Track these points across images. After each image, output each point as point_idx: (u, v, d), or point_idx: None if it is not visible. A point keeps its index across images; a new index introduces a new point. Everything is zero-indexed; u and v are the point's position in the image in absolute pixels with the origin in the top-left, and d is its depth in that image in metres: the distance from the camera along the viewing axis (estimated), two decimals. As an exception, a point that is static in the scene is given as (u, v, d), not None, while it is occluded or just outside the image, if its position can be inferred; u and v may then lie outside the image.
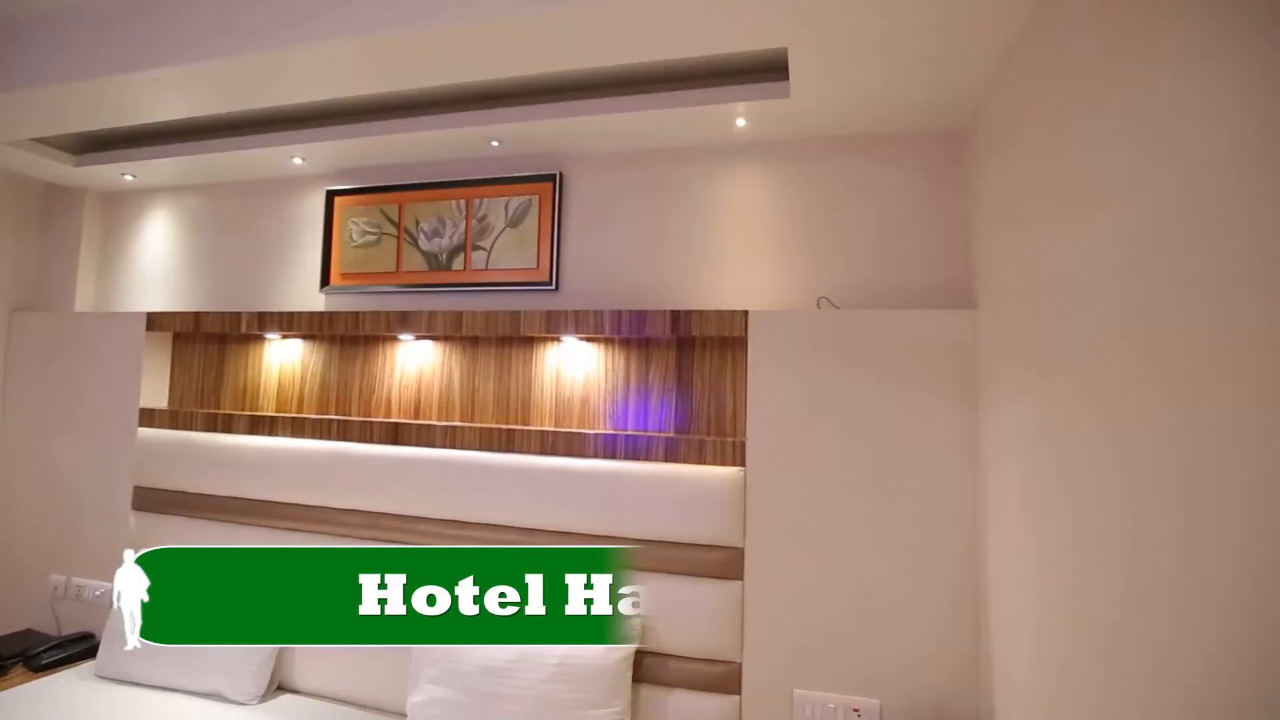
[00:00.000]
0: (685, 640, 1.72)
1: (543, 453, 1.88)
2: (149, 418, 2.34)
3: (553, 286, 2.07)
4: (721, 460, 1.75)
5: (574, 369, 2.01)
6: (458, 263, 2.17)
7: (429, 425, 1.99)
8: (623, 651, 1.66)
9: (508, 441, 1.91)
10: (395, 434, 2.02)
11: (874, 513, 1.64)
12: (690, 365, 1.92)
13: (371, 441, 2.04)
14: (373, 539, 1.99)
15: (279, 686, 2.02)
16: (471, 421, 2.09)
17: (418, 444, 1.99)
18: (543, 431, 1.89)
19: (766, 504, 1.71)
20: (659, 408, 1.93)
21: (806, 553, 1.68)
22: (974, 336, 1.62)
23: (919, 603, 1.61)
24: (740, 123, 1.86)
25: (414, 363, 2.17)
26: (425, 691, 1.71)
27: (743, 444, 1.75)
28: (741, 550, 1.72)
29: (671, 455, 1.79)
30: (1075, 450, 1.03)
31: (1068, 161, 1.07)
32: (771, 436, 1.72)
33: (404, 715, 1.87)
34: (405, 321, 2.06)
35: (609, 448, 1.83)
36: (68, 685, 1.97)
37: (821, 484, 1.68)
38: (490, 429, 1.93)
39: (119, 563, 2.31)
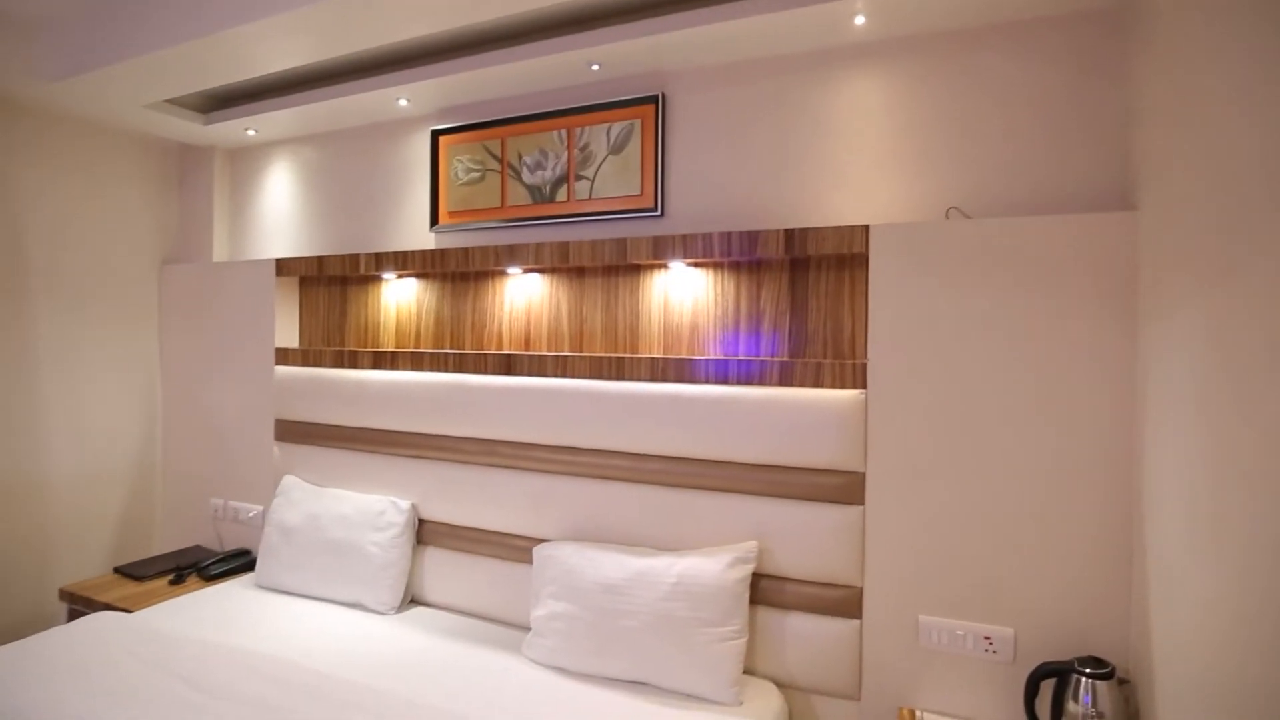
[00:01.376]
0: (802, 564, 1.70)
1: (653, 379, 1.87)
2: (283, 356, 2.52)
3: (658, 213, 2.03)
4: (840, 383, 1.69)
5: (682, 296, 1.98)
6: (561, 194, 2.17)
7: (540, 356, 2.03)
8: (740, 572, 1.65)
9: (617, 370, 1.92)
10: (508, 365, 2.07)
11: (1012, 435, 1.53)
12: (804, 287, 1.84)
13: (486, 373, 2.10)
14: (490, 464, 2.07)
15: (412, 600, 2.17)
16: (580, 351, 2.11)
17: (530, 374, 2.04)
18: (652, 359, 1.88)
19: (890, 427, 1.64)
20: (772, 332, 1.88)
21: (934, 477, 1.60)
22: (1133, 241, 1.45)
23: (1062, 530, 1.50)
24: (859, 20, 1.72)
25: (522, 296, 2.21)
26: (547, 606, 1.78)
27: (863, 366, 1.67)
28: (862, 475, 1.66)
29: (786, 379, 1.73)
30: (1260, 366, 0.90)
31: (1263, 37, 0.90)
32: (896, 357, 1.63)
33: (526, 628, 1.97)
34: (512, 254, 2.09)
35: (720, 373, 1.80)
36: (233, 592, 2.20)
37: (951, 406, 1.58)
38: (600, 358, 1.94)
39: (268, 488, 2.55)
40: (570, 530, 1.95)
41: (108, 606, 2.16)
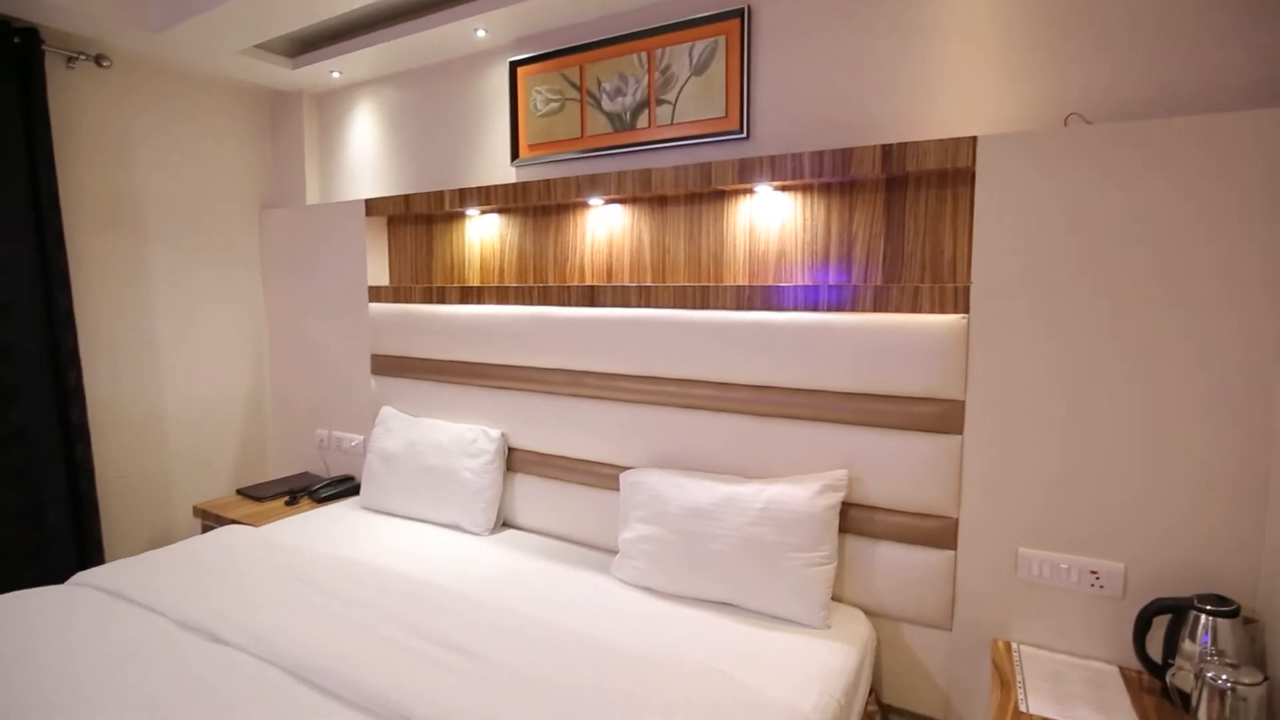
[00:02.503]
0: (894, 494, 1.66)
1: (738, 308, 1.84)
2: (375, 294, 2.62)
3: (743, 134, 1.95)
4: (940, 308, 1.60)
5: (768, 222, 1.91)
6: (641, 120, 2.11)
7: (623, 287, 2.02)
8: (829, 499, 1.64)
9: (702, 298, 1.89)
10: (591, 296, 2.08)
11: (1134, 360, 1.42)
12: (901, 207, 1.74)
13: (569, 305, 2.12)
14: (576, 395, 2.11)
15: (504, 523, 2.27)
16: (663, 282, 2.09)
17: (613, 305, 2.04)
18: (738, 287, 1.84)
19: (993, 353, 1.55)
20: (864, 257, 1.79)
21: (1040, 405, 1.51)
22: (1294, 139, 1.28)
23: (1186, 462, 1.39)
24: (972, -95, 1.55)
25: (604, 228, 2.19)
26: (635, 529, 1.82)
27: (966, 289, 1.57)
28: (961, 403, 1.59)
29: (881, 304, 1.66)
30: None
31: None
32: (1002, 280, 1.53)
33: (612, 551, 2.03)
34: (594, 185, 2.06)
35: (810, 300, 1.74)
36: (342, 513, 2.37)
37: (1063, 330, 1.48)
38: (684, 287, 1.92)
39: (367, 419, 2.70)
40: (655, 459, 1.97)
41: (234, 522, 2.37)
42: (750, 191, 1.93)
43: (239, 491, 2.72)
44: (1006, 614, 1.59)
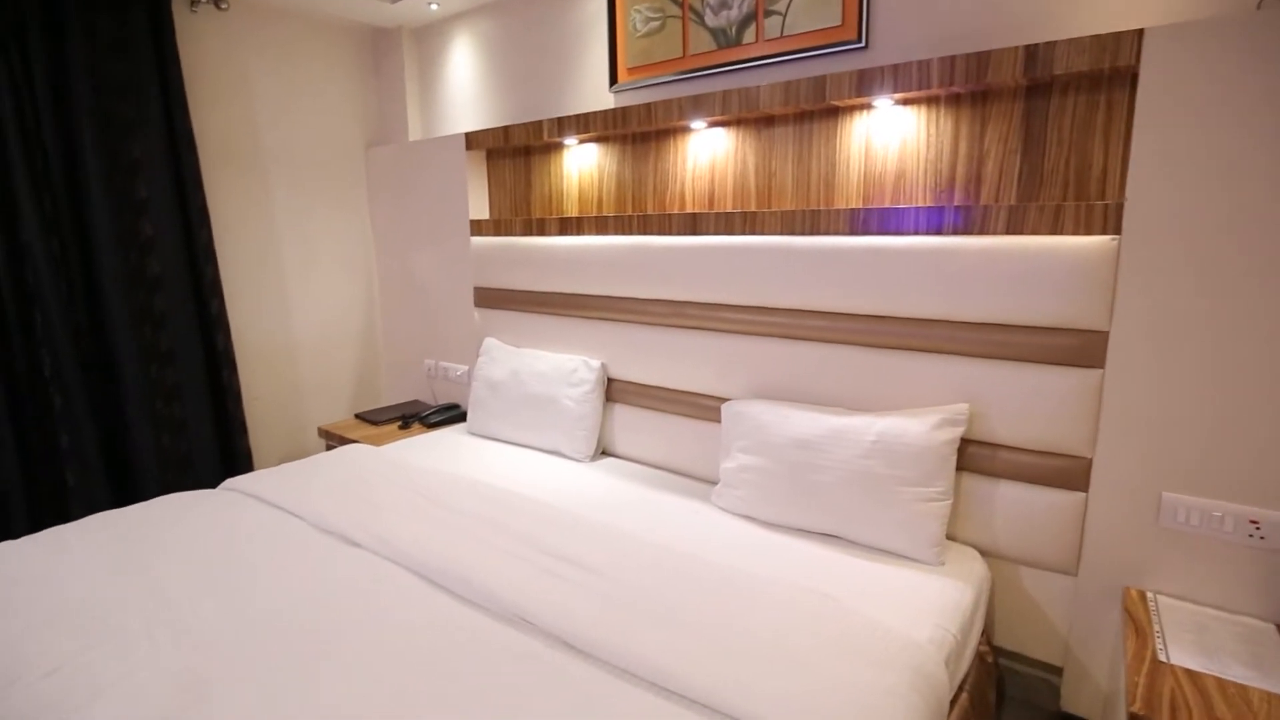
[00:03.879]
0: (1020, 430, 1.56)
1: (851, 233, 1.74)
2: (477, 227, 2.67)
3: (861, 44, 1.80)
4: (1084, 229, 1.45)
5: (887, 139, 1.78)
6: (748, 35, 1.99)
7: (727, 213, 1.95)
8: (947, 434, 1.55)
9: (811, 224, 1.80)
10: (693, 224, 2.02)
11: (1325, 283, 1.24)
12: (1042, 118, 1.57)
13: (671, 233, 2.08)
14: (677, 325, 2.09)
15: (603, 451, 2.32)
16: (769, 207, 2.00)
17: (716, 233, 1.98)
18: (851, 210, 1.73)
19: (1147, 278, 1.39)
20: (997, 174, 1.64)
21: (1198, 337, 1.35)
22: None
23: (1384, 400, 1.22)
24: None
25: (706, 153, 2.11)
26: (737, 459, 1.81)
27: (1118, 207, 1.41)
28: (1104, 334, 1.45)
29: (1015, 227, 1.52)
30: None
31: None
32: (1163, 196, 1.36)
33: (710, 482, 2.04)
34: (696, 106, 1.98)
35: (933, 223, 1.62)
36: (451, 438, 2.49)
37: (1232, 256, 1.30)
38: (792, 212, 1.83)
39: (471, 349, 2.79)
40: (758, 390, 1.94)
41: (354, 443, 2.54)
42: (867, 107, 1.79)
43: (357, 416, 2.91)
44: (1143, 562, 1.48)
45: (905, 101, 1.73)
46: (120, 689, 1.09)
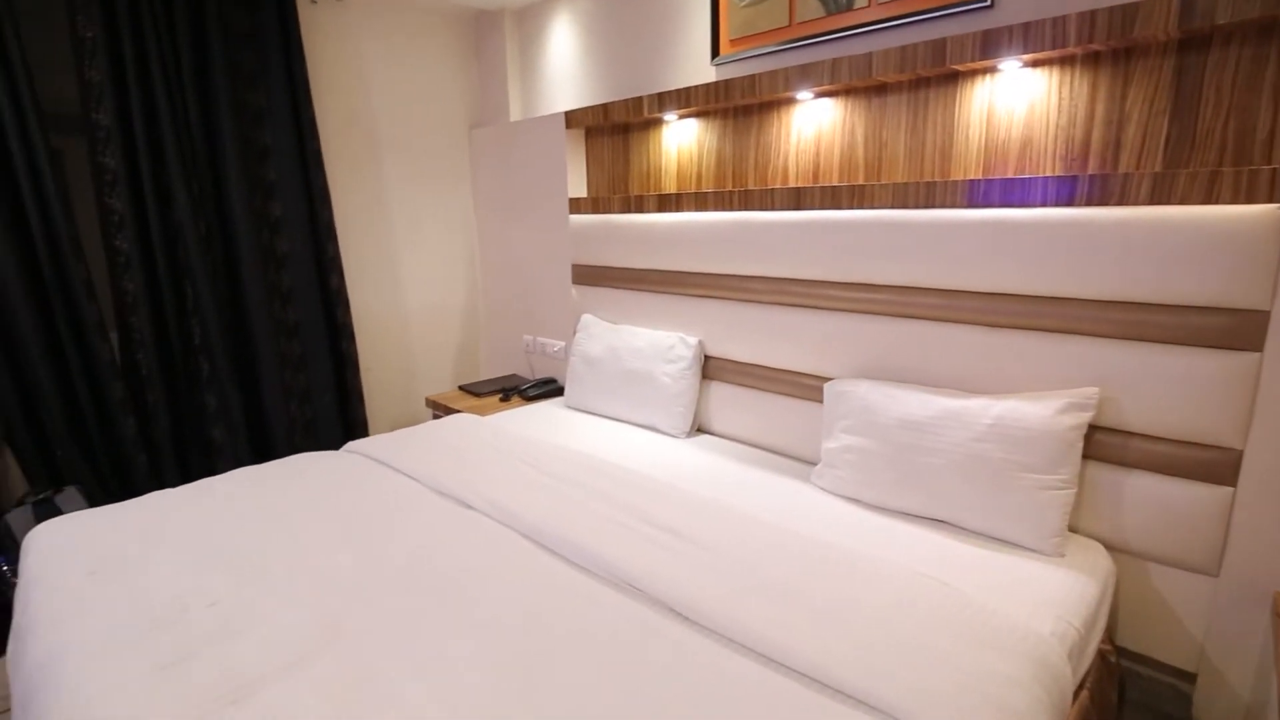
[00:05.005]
0: (1157, 418, 1.45)
1: (970, 205, 1.65)
2: (575, 205, 2.72)
3: (987, 2, 1.68)
4: (1245, 197, 1.31)
5: (1012, 105, 1.67)
6: (860, -1, 1.91)
7: (833, 187, 1.90)
8: (1074, 419, 1.46)
9: (926, 196, 1.72)
10: (797, 199, 1.98)
11: None
12: (1196, 75, 1.42)
13: (773, 209, 2.04)
14: (777, 303, 2.06)
15: (699, 429, 2.34)
16: (878, 180, 1.93)
17: (821, 207, 1.93)
18: (970, 182, 1.64)
19: (1323, 252, 1.25)
20: (1140, 139, 1.51)
21: (1390, 317, 1.20)
22: None
23: None
24: None
25: (811, 125, 2.05)
26: (839, 439, 1.78)
27: (1289, 172, 1.27)
28: (1264, 314, 1.32)
29: (1161, 196, 1.40)
30: None
31: None
32: (1349, 156, 1.21)
33: (810, 462, 2.01)
34: (804, 75, 1.92)
35: (1064, 193, 1.51)
36: (549, 411, 2.57)
37: None
38: (904, 184, 1.76)
39: (568, 325, 2.86)
40: (863, 370, 1.89)
41: (459, 412, 2.67)
42: (991, 71, 1.68)
43: (460, 387, 3.05)
44: (1300, 564, 1.34)
45: (1035, 63, 1.62)
46: (271, 623, 1.21)
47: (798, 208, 1.98)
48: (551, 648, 1.15)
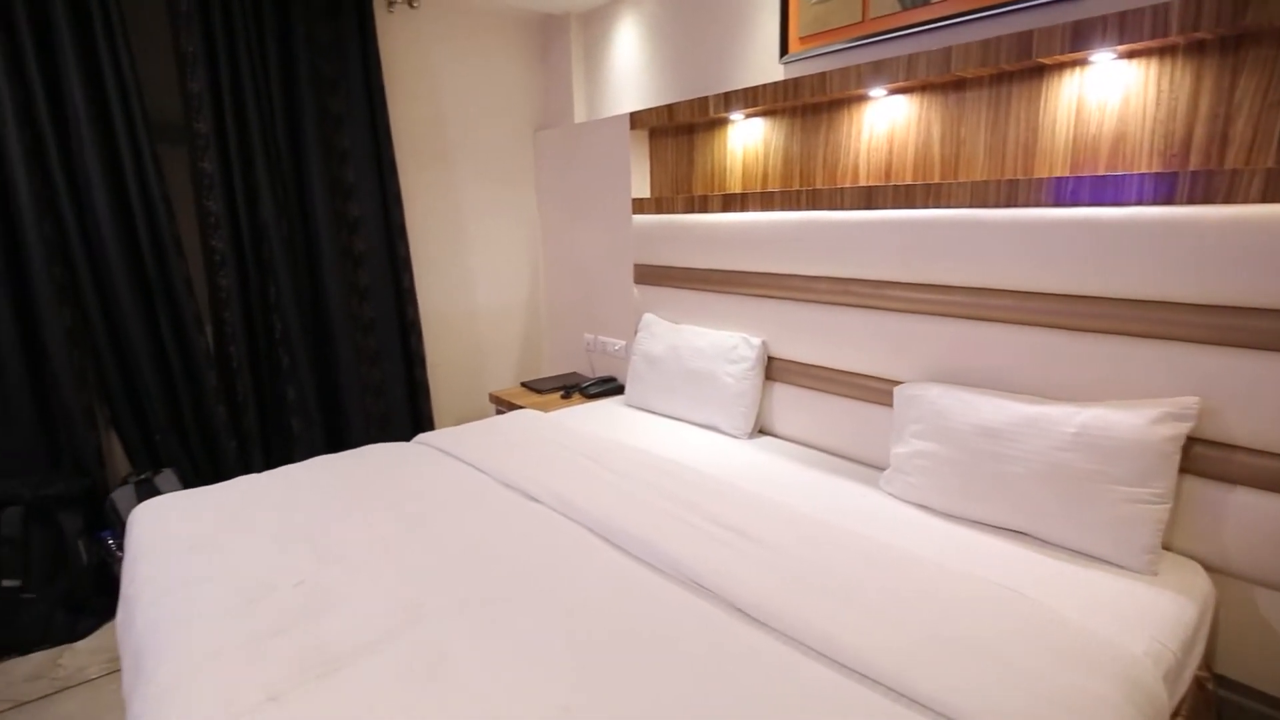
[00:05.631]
0: (1267, 431, 1.35)
1: (1056, 204, 1.58)
2: (639, 205, 2.73)
3: (1078, -9, 1.61)
4: (1374, 193, 1.21)
5: (1104, 98, 1.59)
6: (939, -8, 1.85)
7: (907, 186, 1.85)
8: (1171, 430, 1.38)
9: (1007, 195, 1.65)
10: (868, 198, 1.94)
11: None
12: (1319, 62, 1.32)
13: (842, 208, 2.00)
14: (843, 304, 2.02)
15: (761, 430, 2.31)
16: (954, 179, 1.86)
17: (893, 206, 1.88)
18: (1057, 179, 1.57)
19: None
20: (1250, 133, 1.41)
21: None
22: None
23: None
24: None
25: (884, 123, 2.00)
26: (910, 444, 1.73)
27: None
28: (1394, 321, 1.21)
29: (1275, 193, 1.30)
30: None
31: None
32: None
33: (877, 467, 1.96)
34: (878, 72, 1.88)
35: (1162, 191, 1.43)
36: (610, 409, 2.59)
37: None
38: (983, 183, 1.69)
39: (629, 325, 2.88)
40: (933, 373, 1.83)
41: (521, 408, 2.72)
42: (1082, 63, 1.61)
43: (523, 384, 3.11)
44: None
45: (1130, 54, 1.53)
46: (352, 604, 1.27)
47: (869, 207, 1.94)
48: (620, 641, 1.16)
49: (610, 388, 2.88)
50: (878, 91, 1.96)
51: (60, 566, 2.11)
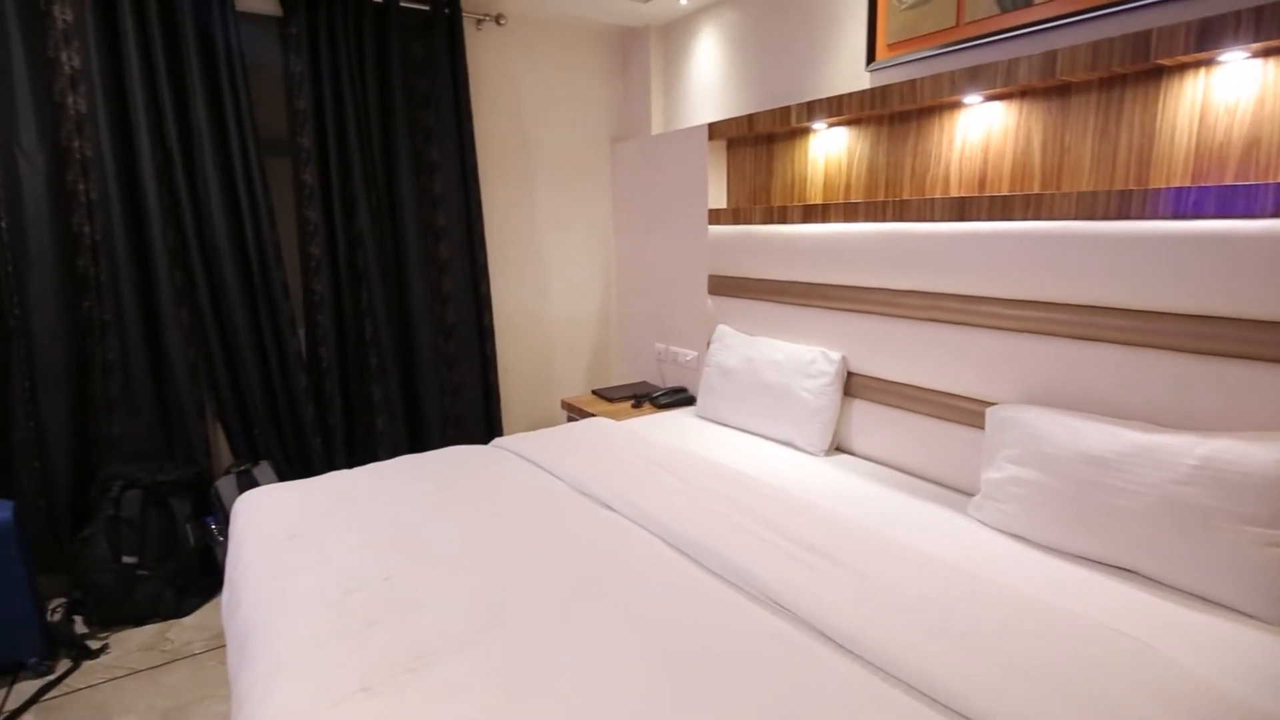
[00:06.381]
0: None
1: (1176, 216, 1.46)
2: (715, 216, 2.72)
3: (1203, -12, 1.49)
4: None
5: (1234, 100, 1.46)
6: (1043, -7, 1.76)
7: (1004, 197, 1.76)
8: (1311, 466, 1.25)
9: (1119, 206, 1.55)
10: (960, 210, 1.85)
11: None
12: None
13: (932, 220, 1.92)
14: (932, 319, 1.94)
15: (838, 447, 2.24)
16: (1058, 189, 1.76)
17: (989, 218, 1.79)
18: (1177, 190, 1.46)
19: None
20: None
21: None
22: None
23: None
24: None
25: (978, 130, 1.92)
26: (1004, 470, 1.64)
27: None
28: None
29: None
30: None
31: None
32: None
33: (963, 491, 1.86)
34: (974, 78, 1.80)
35: (1302, 201, 1.30)
36: (681, 420, 2.58)
37: None
38: (1091, 193, 1.59)
39: (701, 336, 2.87)
40: (1030, 395, 1.73)
41: (592, 416, 2.75)
42: (1207, 64, 1.49)
43: (593, 392, 3.14)
44: None
45: (1266, 52, 1.41)
46: (439, 600, 1.30)
47: (960, 219, 1.85)
48: (697, 655, 1.14)
49: (681, 398, 2.86)
50: (972, 98, 1.88)
51: (171, 547, 2.28)
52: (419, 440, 2.89)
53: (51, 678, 1.96)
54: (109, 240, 2.27)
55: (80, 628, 2.17)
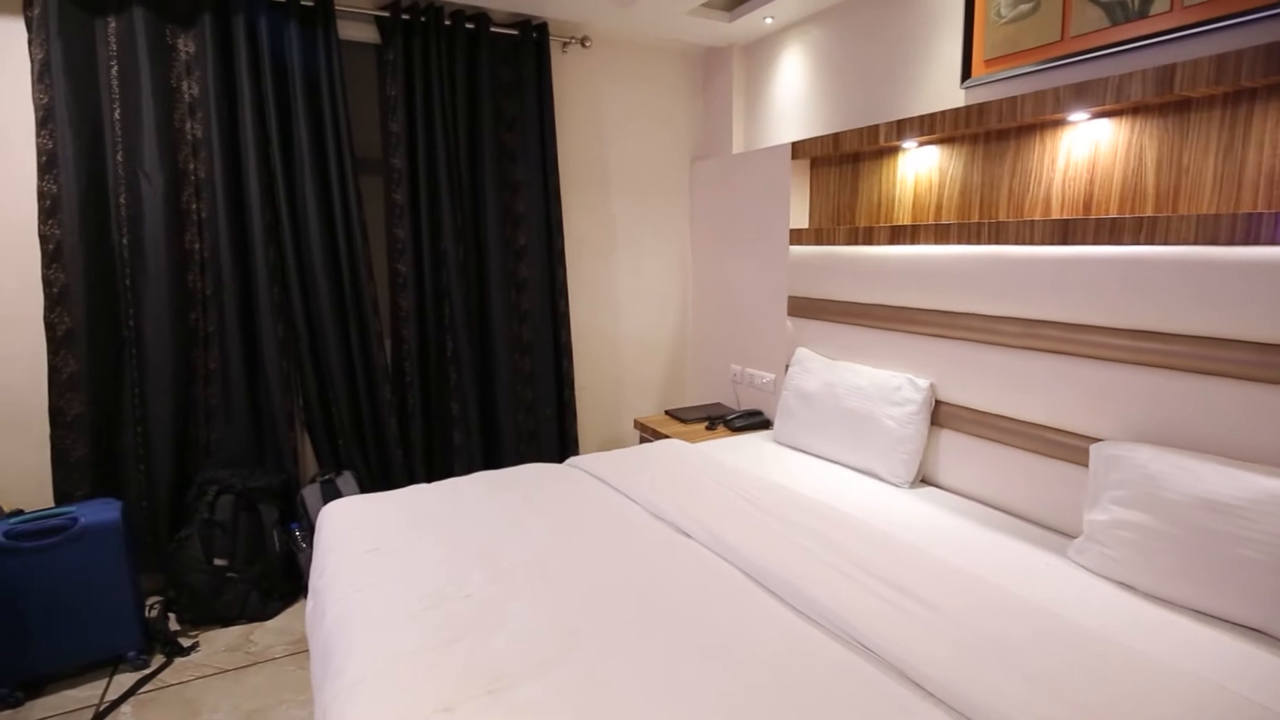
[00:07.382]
0: None
1: (1317, 243, 1.34)
2: (796, 236, 2.67)
3: (1352, -5, 1.37)
4: None
5: (1387, 118, 1.33)
6: (1158, 4, 1.65)
7: (1113, 219, 1.65)
8: None
9: (1245, 230, 1.43)
10: (1063, 233, 1.76)
11: None
12: None
13: (1031, 243, 1.83)
14: (1029, 348, 1.84)
15: (923, 479, 2.15)
16: (1174, 211, 1.64)
17: (1096, 242, 1.69)
18: (1318, 214, 1.33)
19: None
20: None
21: None
22: None
23: None
24: None
25: (1084, 149, 1.82)
26: (1110, 512, 1.52)
27: None
28: None
29: None
30: None
31: None
32: None
33: (1062, 532, 1.75)
34: (1080, 95, 1.71)
35: None
36: (757, 444, 2.53)
37: None
38: (1214, 216, 1.47)
39: (779, 358, 2.81)
40: (1140, 432, 1.61)
41: (665, 437, 2.73)
42: (1355, 77, 1.36)
43: (667, 412, 3.13)
44: None
45: None
46: (518, 621, 1.31)
47: (1064, 242, 1.75)
48: (774, 692, 1.10)
49: (756, 422, 2.82)
50: (1078, 115, 1.79)
51: (258, 551, 2.39)
52: (493, 455, 2.95)
53: (148, 671, 2.07)
54: (216, 256, 2.43)
55: (173, 625, 2.30)
